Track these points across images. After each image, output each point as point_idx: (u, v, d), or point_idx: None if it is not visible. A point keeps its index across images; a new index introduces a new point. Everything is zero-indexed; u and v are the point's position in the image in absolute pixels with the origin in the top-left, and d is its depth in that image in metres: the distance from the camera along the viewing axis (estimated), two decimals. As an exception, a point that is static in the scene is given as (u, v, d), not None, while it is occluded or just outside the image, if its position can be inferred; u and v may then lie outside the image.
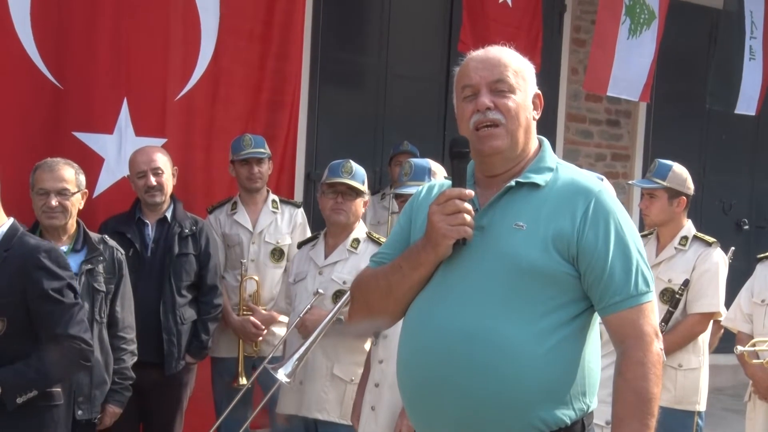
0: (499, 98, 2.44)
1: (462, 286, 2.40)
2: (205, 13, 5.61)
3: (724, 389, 5.08)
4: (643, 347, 2.33)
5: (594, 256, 2.35)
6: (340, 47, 7.00)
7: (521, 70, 2.49)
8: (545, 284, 2.34)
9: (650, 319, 2.37)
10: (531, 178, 2.44)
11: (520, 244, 2.36)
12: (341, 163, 4.37)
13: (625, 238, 2.38)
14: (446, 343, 2.37)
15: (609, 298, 2.35)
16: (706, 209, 8.70)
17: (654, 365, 2.33)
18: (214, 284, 4.94)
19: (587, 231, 2.36)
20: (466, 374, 2.33)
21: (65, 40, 5.23)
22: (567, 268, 2.35)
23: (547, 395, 2.33)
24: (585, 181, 2.45)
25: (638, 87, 6.83)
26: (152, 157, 4.88)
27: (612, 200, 2.43)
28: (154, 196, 4.82)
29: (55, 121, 5.22)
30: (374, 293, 2.56)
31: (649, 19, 6.81)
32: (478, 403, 2.34)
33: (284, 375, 3.93)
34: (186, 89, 5.57)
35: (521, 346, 2.31)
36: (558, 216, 2.37)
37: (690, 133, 8.80)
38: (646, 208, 4.96)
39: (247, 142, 5.32)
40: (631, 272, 2.36)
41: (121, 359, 4.22)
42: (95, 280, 4.11)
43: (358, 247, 4.41)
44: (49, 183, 4.11)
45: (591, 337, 2.42)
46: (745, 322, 4.56)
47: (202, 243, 4.89)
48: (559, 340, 2.34)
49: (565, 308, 2.36)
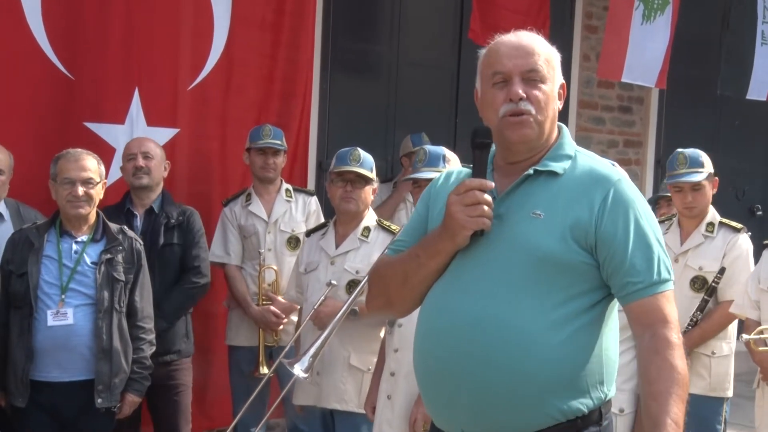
0: (531, 88, 2.44)
1: (478, 275, 2.41)
2: (218, 2, 5.66)
3: (738, 375, 5.09)
4: (671, 329, 2.35)
5: (614, 245, 2.36)
6: (351, 35, 7.03)
7: (551, 59, 2.49)
8: (562, 273, 2.35)
9: (673, 306, 2.39)
10: (549, 166, 2.44)
11: (537, 233, 2.36)
12: (349, 151, 4.39)
13: (644, 227, 2.39)
14: (461, 331, 2.38)
15: (632, 285, 2.36)
16: (719, 195, 8.51)
17: (681, 348, 2.35)
18: (195, 266, 4.89)
19: (606, 220, 2.36)
20: (481, 363, 2.35)
21: (76, 30, 5.28)
22: (584, 257, 2.36)
23: (564, 385, 2.34)
24: (604, 170, 2.45)
25: (654, 73, 6.81)
26: (144, 143, 4.98)
27: (631, 189, 2.43)
28: (141, 178, 4.87)
29: (67, 111, 5.28)
30: (391, 281, 2.57)
31: (663, 4, 6.80)
32: (492, 392, 2.35)
33: (301, 370, 3.95)
34: (199, 79, 5.64)
35: (536, 336, 2.32)
36: (576, 205, 2.38)
37: (703, 119, 8.80)
38: (692, 202, 4.91)
39: (267, 132, 5.40)
40: (653, 260, 2.38)
41: (140, 348, 4.29)
42: (114, 269, 4.18)
43: (369, 236, 4.43)
44: (74, 173, 4.18)
45: (609, 326, 2.44)
46: (753, 309, 4.55)
47: (186, 230, 4.91)
48: (576, 329, 2.35)
49: (582, 297, 2.37)
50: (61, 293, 4.11)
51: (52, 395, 4.12)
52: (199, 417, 5.49)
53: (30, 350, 4.07)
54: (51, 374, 4.12)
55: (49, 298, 4.10)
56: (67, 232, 4.22)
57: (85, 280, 4.14)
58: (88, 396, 4.11)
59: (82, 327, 4.09)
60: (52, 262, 4.15)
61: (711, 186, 4.91)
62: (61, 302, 4.09)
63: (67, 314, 4.08)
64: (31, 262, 4.11)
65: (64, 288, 4.11)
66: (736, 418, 6.15)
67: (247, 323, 5.34)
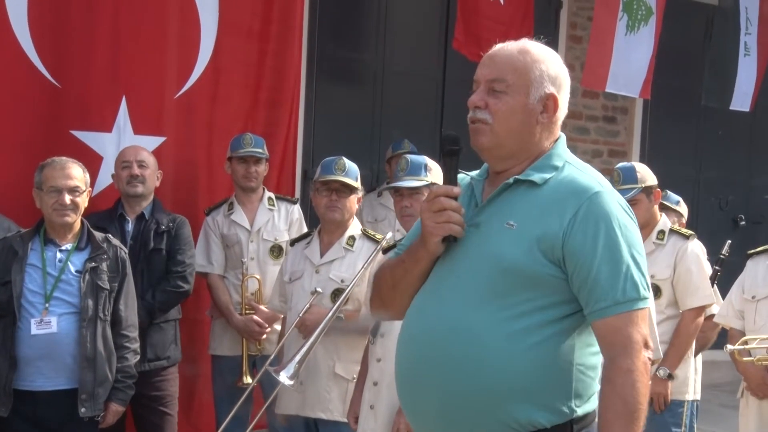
0: (491, 98, 2.42)
1: (448, 283, 2.43)
2: (204, 11, 5.65)
3: (721, 385, 5.13)
4: (631, 355, 2.27)
5: (580, 260, 2.30)
6: (337, 44, 7.04)
7: (527, 71, 2.43)
8: (527, 285, 2.33)
9: (640, 327, 2.30)
10: (529, 176, 2.42)
11: (505, 244, 2.35)
12: (334, 160, 4.41)
13: (616, 242, 2.32)
14: (427, 338, 2.41)
15: (594, 303, 2.30)
16: (703, 205, 8.77)
17: (642, 374, 2.27)
18: (179, 271, 4.93)
19: (575, 233, 2.31)
20: (443, 370, 2.37)
21: (63, 38, 5.27)
22: (552, 270, 2.33)
23: (520, 395, 2.32)
24: (584, 182, 2.39)
25: (638, 83, 6.84)
26: (139, 151, 5.02)
27: (610, 202, 2.36)
28: (136, 187, 4.91)
29: (53, 119, 5.26)
30: (383, 285, 2.62)
31: (647, 15, 6.84)
32: (453, 398, 2.37)
33: (286, 377, 3.97)
34: (186, 87, 5.63)
35: (495, 345, 2.32)
36: (548, 216, 2.34)
37: (686, 129, 8.85)
38: None
39: (248, 141, 5.40)
40: (620, 277, 2.30)
41: (124, 357, 4.28)
42: (99, 278, 4.18)
43: (354, 245, 4.46)
44: (60, 181, 4.17)
45: (585, 340, 2.38)
46: (737, 319, 4.59)
47: (173, 237, 4.94)
48: (539, 341, 2.32)
49: (549, 310, 2.34)
50: (45, 302, 4.09)
51: (35, 404, 4.10)
52: (184, 426, 5.47)
53: (13, 359, 4.05)
54: (34, 383, 4.09)
55: (32, 307, 4.08)
56: (51, 240, 4.21)
57: (69, 289, 4.13)
58: (71, 405, 4.09)
59: (65, 335, 4.08)
60: (36, 271, 4.14)
61: (651, 198, 4.94)
62: (45, 311, 4.07)
63: (51, 323, 4.06)
64: (15, 271, 4.10)
65: (48, 296, 4.10)
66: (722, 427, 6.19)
67: (231, 333, 5.33)
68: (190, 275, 4.99)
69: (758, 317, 4.50)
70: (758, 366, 4.45)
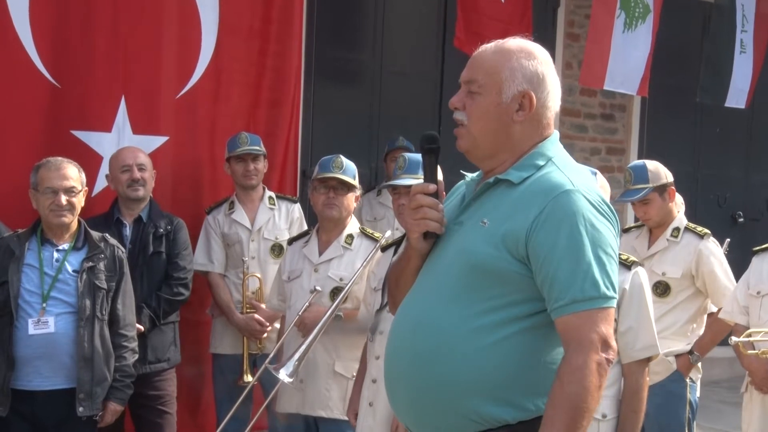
0: (467, 98, 2.44)
1: (427, 280, 2.47)
2: (205, 11, 5.64)
3: (720, 382, 5.11)
4: (583, 353, 2.23)
5: (541, 257, 2.28)
6: (334, 44, 7.03)
7: (498, 70, 2.41)
8: (495, 281, 2.33)
9: (598, 327, 2.25)
10: (508, 175, 2.41)
11: (476, 240, 2.36)
12: (331, 158, 4.42)
13: (579, 241, 2.27)
14: (404, 333, 2.45)
15: (554, 301, 2.27)
16: (701, 202, 8.76)
17: (592, 373, 2.22)
18: (181, 277, 4.92)
19: (538, 231, 2.29)
20: (412, 363, 2.40)
21: (63, 38, 5.25)
22: (517, 267, 2.31)
23: (482, 389, 2.31)
24: (555, 180, 2.35)
25: (635, 81, 6.83)
26: (137, 154, 4.98)
27: (576, 201, 2.31)
28: (137, 190, 4.88)
29: (54, 119, 5.24)
30: (392, 282, 2.69)
31: (644, 12, 6.83)
32: (418, 391, 2.39)
33: (286, 375, 3.96)
34: (187, 87, 5.61)
35: (458, 339, 2.33)
36: (517, 214, 2.33)
37: (684, 126, 8.85)
38: (645, 215, 4.97)
39: (243, 139, 5.39)
40: (579, 275, 2.26)
41: (122, 356, 4.26)
42: (96, 277, 4.16)
43: (352, 243, 4.46)
44: (57, 181, 4.15)
45: (555, 339, 2.33)
46: (742, 314, 4.57)
47: (172, 240, 4.92)
48: (504, 336, 2.31)
49: (516, 306, 2.32)
50: (42, 301, 4.07)
51: (33, 404, 4.08)
52: (189, 426, 5.48)
53: (11, 359, 4.04)
54: (32, 383, 4.08)
55: (30, 307, 4.06)
56: (48, 240, 4.19)
57: (67, 288, 4.11)
58: (69, 404, 4.07)
59: (63, 335, 4.06)
60: (33, 271, 4.12)
61: (664, 196, 4.92)
62: (42, 310, 4.06)
63: (48, 322, 4.05)
64: (12, 271, 4.08)
65: (46, 296, 4.08)
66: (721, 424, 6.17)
67: (231, 331, 5.32)
68: (190, 281, 5.00)
69: (763, 312, 4.49)
70: (762, 359, 4.43)
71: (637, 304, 3.42)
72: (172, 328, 5.00)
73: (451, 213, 2.51)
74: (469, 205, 2.48)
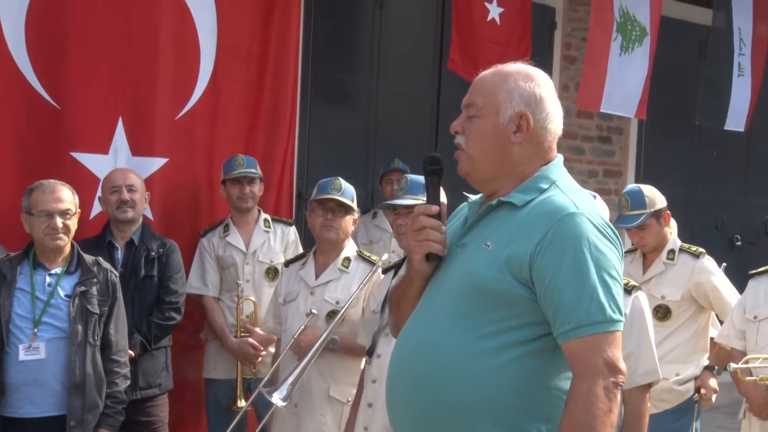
0: (467, 122, 2.44)
1: (428, 302, 2.46)
2: (204, 31, 5.62)
3: (719, 407, 5.06)
4: (589, 379, 2.20)
5: (546, 281, 2.25)
6: (331, 65, 7.01)
7: (495, 92, 2.42)
8: (498, 305, 2.30)
9: (604, 351, 2.22)
10: (511, 198, 2.40)
11: (479, 263, 2.34)
12: (330, 180, 4.41)
13: (583, 264, 2.25)
14: (404, 355, 2.44)
15: (560, 326, 2.25)
16: (698, 225, 8.73)
17: (599, 399, 2.19)
18: (173, 301, 4.87)
19: (542, 254, 2.27)
20: (413, 386, 2.38)
21: (61, 58, 5.20)
22: (521, 290, 2.29)
23: (485, 414, 2.28)
24: (559, 203, 2.34)
25: (633, 103, 6.84)
26: (127, 175, 4.94)
27: (581, 224, 2.29)
28: (126, 212, 4.83)
29: (53, 141, 5.20)
30: (393, 305, 2.67)
31: (641, 35, 6.84)
32: (420, 415, 2.37)
33: (279, 398, 3.93)
34: (186, 108, 5.58)
35: (460, 363, 2.31)
36: (521, 237, 2.32)
37: (681, 149, 8.85)
38: (641, 240, 4.94)
39: (239, 162, 5.36)
40: (583, 299, 2.23)
41: (114, 383, 4.20)
42: (89, 302, 4.11)
43: (350, 266, 4.45)
44: (51, 204, 4.11)
45: (560, 363, 2.31)
46: (739, 339, 4.54)
47: (164, 263, 4.88)
48: (507, 360, 2.28)
49: (520, 330, 2.30)
50: (33, 327, 4.02)
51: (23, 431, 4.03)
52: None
53: (1, 385, 3.99)
54: (22, 410, 4.02)
55: (21, 332, 4.02)
56: (40, 264, 4.15)
57: (59, 313, 4.06)
58: (60, 432, 4.03)
59: (54, 361, 4.01)
60: (24, 295, 4.07)
61: (661, 221, 4.90)
62: (34, 336, 4.01)
63: (39, 348, 4.00)
64: (3, 296, 4.04)
65: (37, 321, 4.03)
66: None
67: (225, 356, 5.28)
68: (182, 305, 4.95)
69: (760, 337, 4.45)
70: (761, 386, 4.39)
71: (638, 329, 3.38)
72: (164, 352, 4.95)
73: (453, 235, 2.50)
74: (471, 228, 2.47)
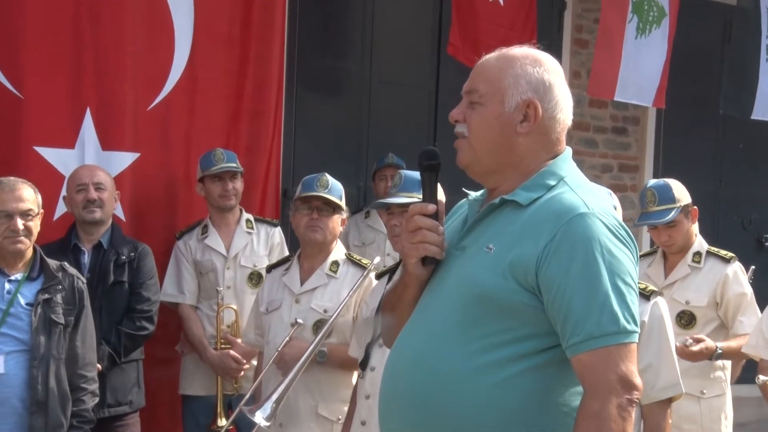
0: (468, 110, 2.44)
1: (424, 310, 2.46)
2: (178, 15, 5.61)
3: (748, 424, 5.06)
4: (601, 397, 2.20)
5: (554, 289, 2.24)
6: (319, 51, 7.02)
7: (501, 78, 2.41)
8: (500, 314, 2.29)
9: (617, 366, 2.21)
10: (515, 196, 2.39)
11: (481, 268, 2.33)
12: (316, 176, 4.41)
13: (595, 269, 2.24)
14: (398, 369, 2.44)
15: (569, 338, 2.24)
16: (724, 224, 8.73)
17: (611, 418, 2.18)
18: (145, 310, 4.87)
19: (550, 259, 2.26)
20: (409, 403, 2.37)
21: (22, 43, 5.19)
22: (526, 298, 2.28)
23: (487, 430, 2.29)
24: (568, 202, 2.32)
25: (650, 91, 6.84)
26: (95, 172, 4.94)
27: (592, 225, 2.27)
28: (94, 212, 4.84)
29: (14, 134, 5.20)
30: (386, 308, 2.67)
31: (659, 16, 6.84)
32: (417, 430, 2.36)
33: (263, 418, 3.91)
34: (160, 97, 5.57)
35: (460, 378, 2.30)
36: (526, 239, 2.30)
37: (704, 141, 8.84)
38: (669, 239, 4.91)
39: (219, 156, 5.35)
40: (594, 309, 2.22)
41: (80, 400, 4.17)
42: (53, 311, 4.09)
43: (338, 271, 4.44)
44: (12, 204, 4.09)
45: (567, 378, 2.31)
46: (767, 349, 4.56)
47: (135, 268, 4.87)
48: (511, 375, 2.28)
49: (524, 341, 2.29)
50: (-10, 339, 4.02)
51: (-19, 454, 4.04)
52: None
53: (-44, 404, 3.99)
54: (-21, 431, 4.03)
55: (-23, 345, 4.01)
56: (-2, 269, 4.14)
57: (19, 324, 4.04)
58: (20, 454, 4.02)
59: (14, 377, 3.98)
60: (-20, 304, 4.07)
61: (689, 218, 4.89)
62: (-9, 349, 4.00)
63: (-2, 363, 4.00)
64: (-42, 305, 4.03)
65: (-6, 333, 4.02)
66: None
67: (204, 370, 5.28)
68: (155, 314, 4.94)
69: (791, 347, 4.45)
70: None
71: (657, 339, 3.38)
72: (135, 367, 4.95)
73: (452, 236, 2.48)
74: (472, 228, 2.45)
